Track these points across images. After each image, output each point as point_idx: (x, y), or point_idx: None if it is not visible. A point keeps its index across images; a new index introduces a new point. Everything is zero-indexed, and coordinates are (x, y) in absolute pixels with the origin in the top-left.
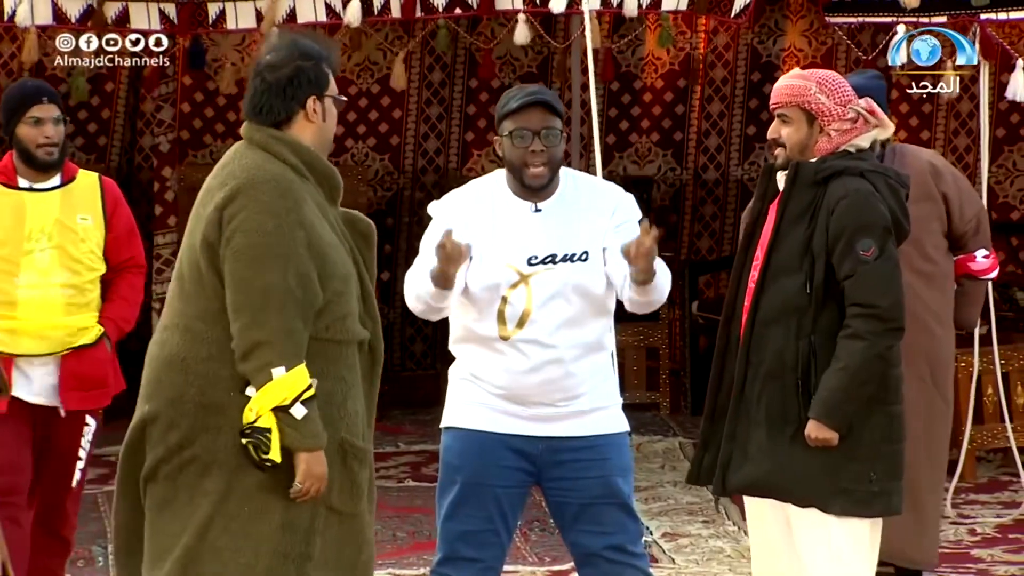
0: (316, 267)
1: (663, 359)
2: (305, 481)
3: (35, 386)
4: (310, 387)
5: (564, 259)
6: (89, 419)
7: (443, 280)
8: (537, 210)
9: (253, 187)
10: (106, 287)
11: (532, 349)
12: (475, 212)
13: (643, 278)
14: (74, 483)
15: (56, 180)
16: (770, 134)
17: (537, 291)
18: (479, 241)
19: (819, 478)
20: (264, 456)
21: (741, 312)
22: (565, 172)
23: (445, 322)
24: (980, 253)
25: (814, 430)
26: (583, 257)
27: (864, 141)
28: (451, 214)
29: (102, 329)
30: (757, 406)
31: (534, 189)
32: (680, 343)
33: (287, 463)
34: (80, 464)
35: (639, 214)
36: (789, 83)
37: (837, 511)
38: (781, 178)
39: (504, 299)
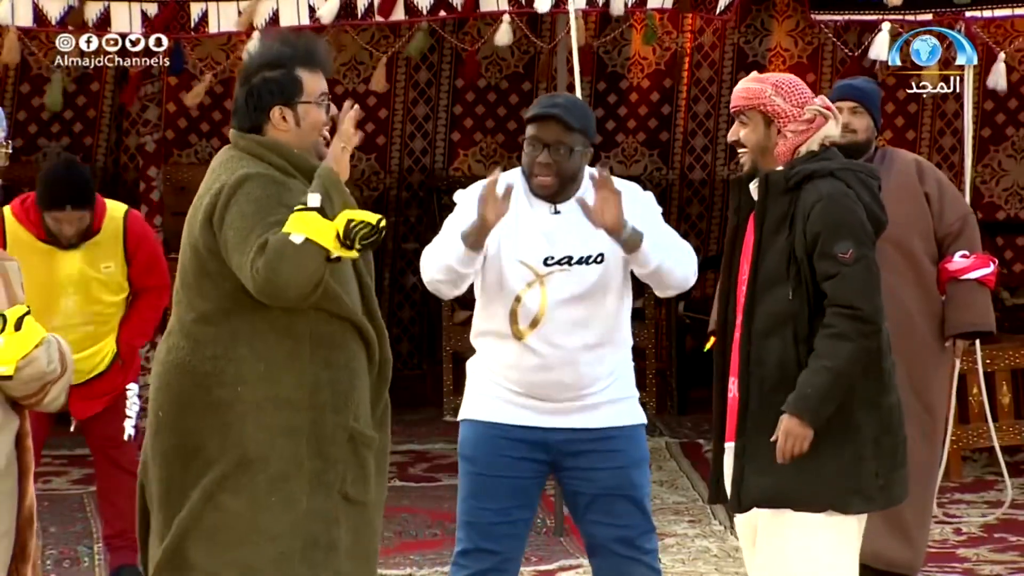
0: None
1: (649, 359)
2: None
3: None
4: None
5: (580, 261)
6: (130, 385)
7: (479, 234)
8: (556, 212)
9: (239, 185)
10: (130, 302)
11: (544, 348)
12: None
13: (613, 233)
14: (126, 437)
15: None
16: (730, 136)
17: (552, 292)
18: (498, 237)
19: (836, 482)
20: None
21: (734, 330)
22: (588, 173)
23: (432, 323)
24: (957, 254)
25: (794, 426)
26: (599, 259)
27: (826, 135)
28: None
29: (115, 351)
30: (765, 419)
31: (541, 196)
32: (666, 343)
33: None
34: (130, 422)
35: (659, 209)
36: (746, 87)
37: (854, 511)
38: (754, 189)
39: (518, 299)
